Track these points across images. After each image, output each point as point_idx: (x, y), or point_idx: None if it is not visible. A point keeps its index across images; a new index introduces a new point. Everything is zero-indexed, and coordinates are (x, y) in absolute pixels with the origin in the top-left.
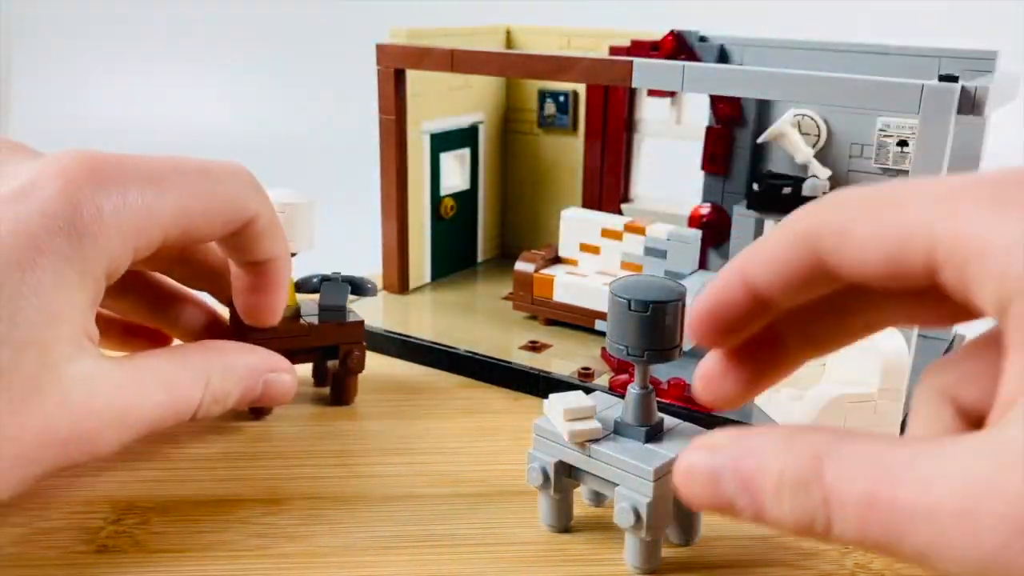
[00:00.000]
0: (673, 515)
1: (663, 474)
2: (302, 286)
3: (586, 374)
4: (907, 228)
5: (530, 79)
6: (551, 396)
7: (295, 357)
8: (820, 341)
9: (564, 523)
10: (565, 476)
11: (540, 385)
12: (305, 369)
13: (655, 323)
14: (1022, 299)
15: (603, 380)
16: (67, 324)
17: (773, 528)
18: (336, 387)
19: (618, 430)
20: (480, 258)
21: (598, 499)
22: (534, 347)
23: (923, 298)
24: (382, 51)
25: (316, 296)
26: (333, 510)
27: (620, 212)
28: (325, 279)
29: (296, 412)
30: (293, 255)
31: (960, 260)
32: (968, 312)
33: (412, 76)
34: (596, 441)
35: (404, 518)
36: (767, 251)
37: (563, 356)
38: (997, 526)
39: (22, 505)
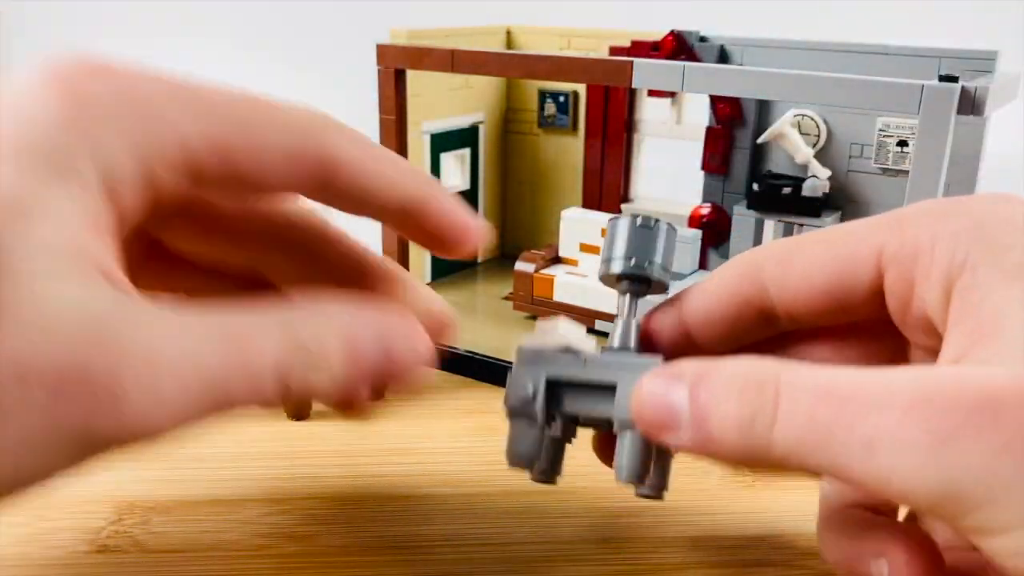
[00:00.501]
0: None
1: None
2: None
3: None
4: (853, 245)
5: (530, 79)
6: (538, 322)
7: None
8: None
9: (534, 458)
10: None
11: None
12: None
13: (659, 238)
14: (967, 274)
15: None
16: (39, 228)
17: (711, 444)
18: None
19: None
20: (480, 258)
21: (566, 432)
22: None
23: (850, 345)
24: (382, 51)
25: None
26: (333, 510)
27: (620, 212)
28: None
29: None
30: None
31: (908, 256)
32: (898, 357)
33: (412, 76)
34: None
35: (404, 518)
36: (706, 289)
37: None
38: (952, 410)
39: (22, 505)
